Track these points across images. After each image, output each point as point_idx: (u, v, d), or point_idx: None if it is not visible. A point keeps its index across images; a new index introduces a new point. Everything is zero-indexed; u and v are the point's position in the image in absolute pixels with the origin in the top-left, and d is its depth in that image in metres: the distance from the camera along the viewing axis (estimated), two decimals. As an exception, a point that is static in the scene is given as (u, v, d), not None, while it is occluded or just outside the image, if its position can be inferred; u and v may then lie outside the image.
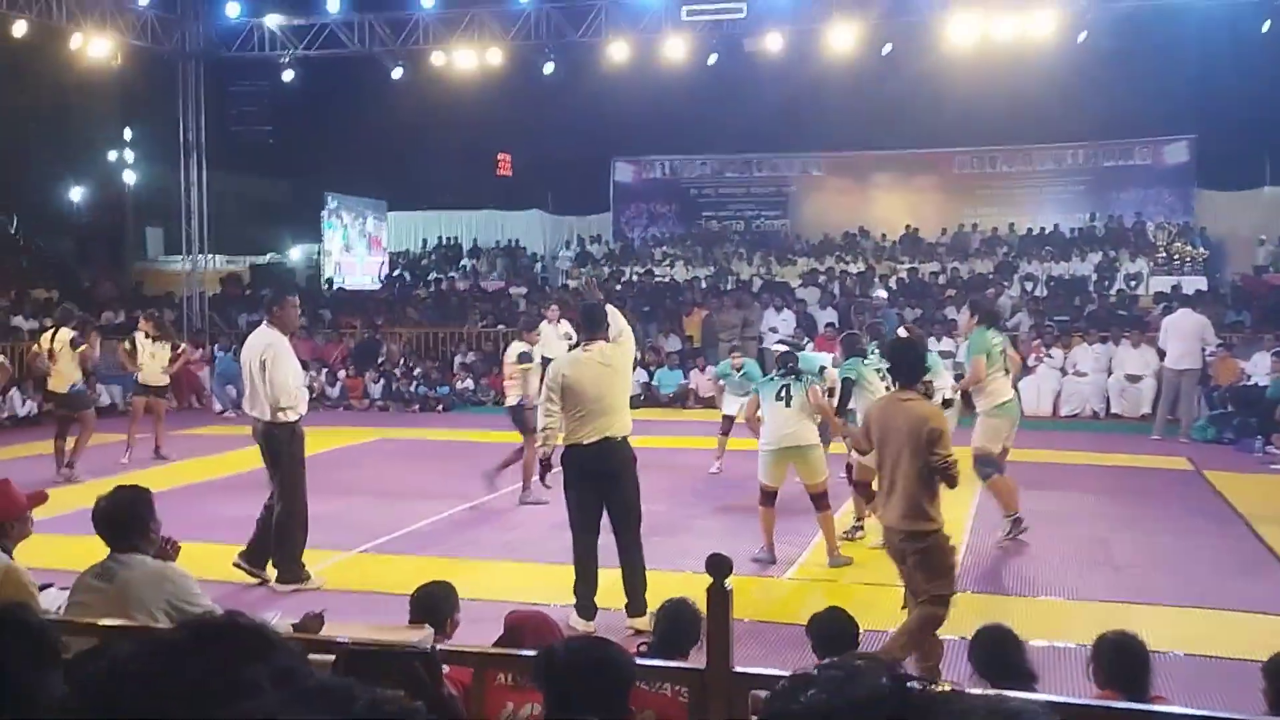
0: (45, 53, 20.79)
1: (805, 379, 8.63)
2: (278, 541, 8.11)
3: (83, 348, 12.73)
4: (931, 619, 5.78)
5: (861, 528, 9.31)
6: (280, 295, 9.10)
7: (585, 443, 6.96)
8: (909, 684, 1.46)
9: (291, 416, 8.16)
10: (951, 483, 5.80)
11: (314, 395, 19.65)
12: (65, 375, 12.80)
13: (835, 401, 9.02)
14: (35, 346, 13.71)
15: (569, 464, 7.09)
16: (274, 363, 8.04)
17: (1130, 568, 8.48)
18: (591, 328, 7.24)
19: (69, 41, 19.44)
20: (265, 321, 8.42)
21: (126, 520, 4.23)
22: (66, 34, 19.31)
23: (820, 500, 8.57)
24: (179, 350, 14.73)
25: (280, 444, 8.21)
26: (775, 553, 8.68)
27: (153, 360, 13.97)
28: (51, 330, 13.19)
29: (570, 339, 16.55)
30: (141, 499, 4.32)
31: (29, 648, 2.21)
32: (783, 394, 8.55)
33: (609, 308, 7.44)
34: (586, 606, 7.09)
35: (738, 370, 12.48)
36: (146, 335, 14.03)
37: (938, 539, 5.86)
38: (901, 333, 10.40)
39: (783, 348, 9.39)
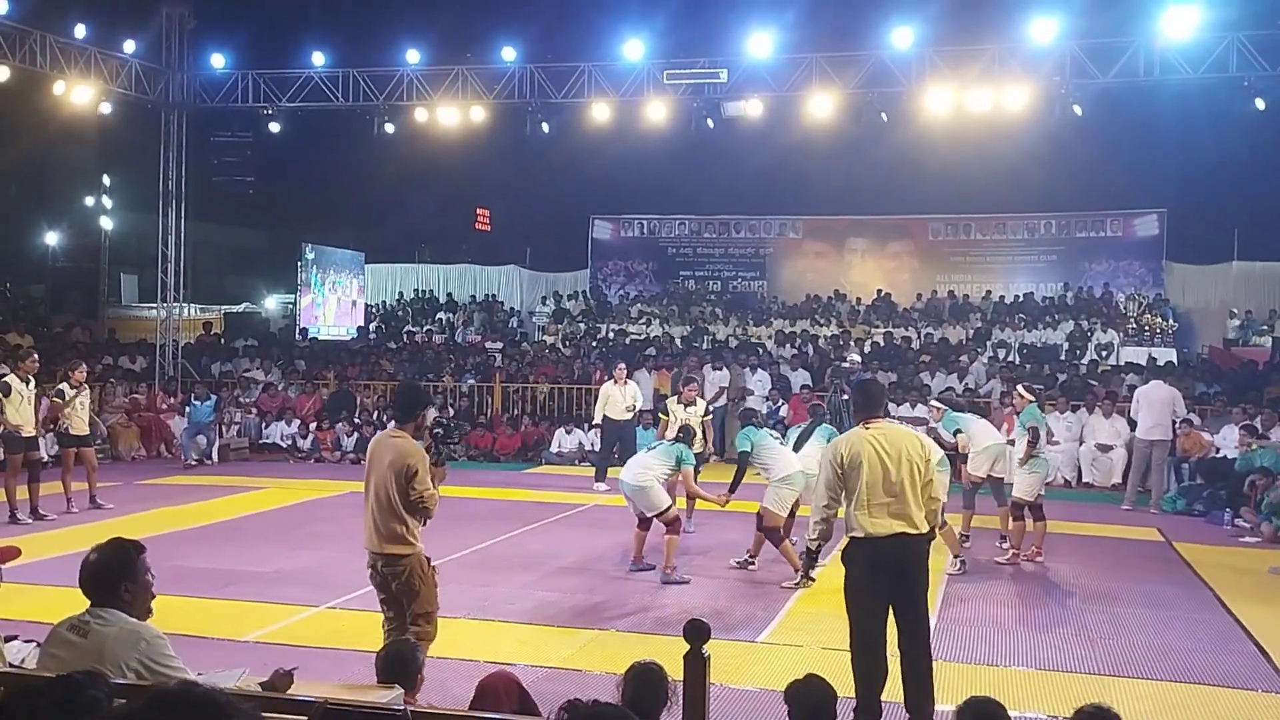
0: (27, 98, 20.84)
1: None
2: None
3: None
4: None
5: (753, 562, 10.67)
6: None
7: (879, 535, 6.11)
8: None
9: None
10: None
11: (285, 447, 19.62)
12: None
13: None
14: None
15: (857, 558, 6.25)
16: None
17: (1104, 639, 8.47)
18: (868, 407, 6.43)
19: (52, 88, 19.47)
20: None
21: (116, 573, 4.15)
22: (50, 81, 19.34)
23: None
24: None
25: None
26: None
27: (82, 410, 13.69)
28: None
29: (638, 400, 16.48)
30: (134, 553, 4.24)
31: None
32: None
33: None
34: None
35: None
36: (72, 385, 13.61)
37: None
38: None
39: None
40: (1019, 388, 12.07)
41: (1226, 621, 9.09)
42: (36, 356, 13.77)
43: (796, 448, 10.87)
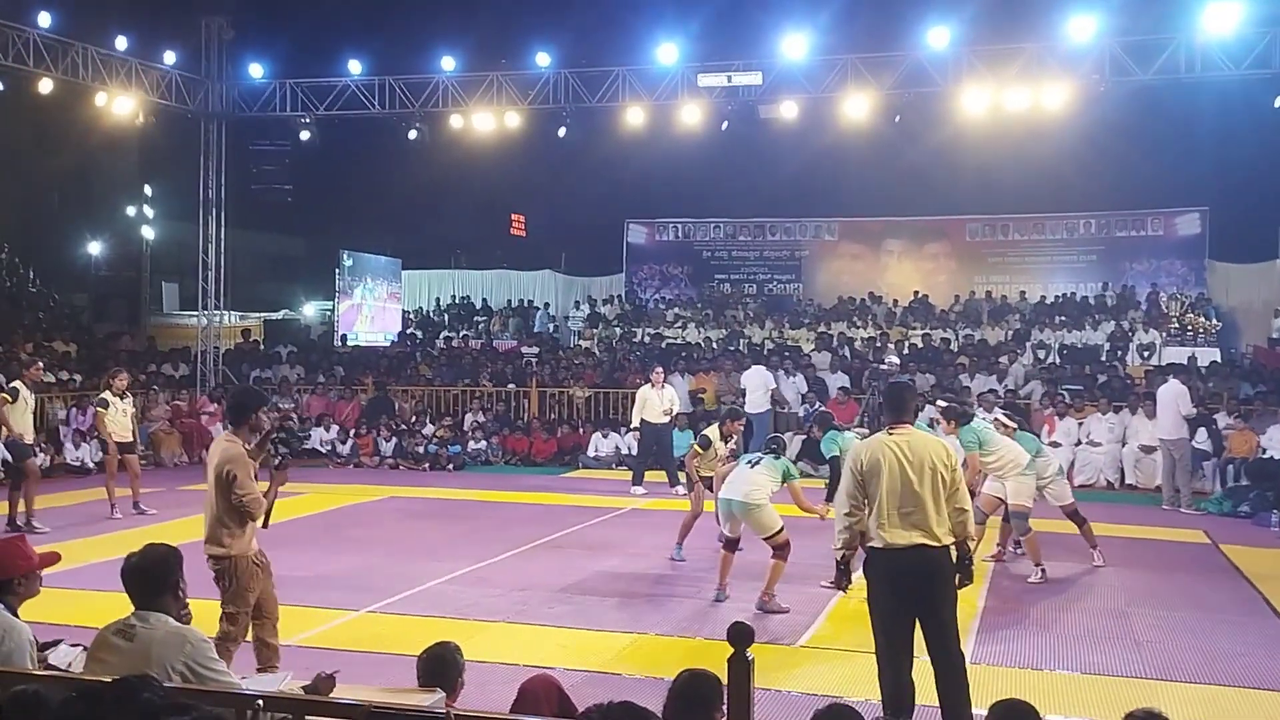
0: (70, 109, 21.11)
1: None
2: None
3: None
4: None
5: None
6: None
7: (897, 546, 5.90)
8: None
9: None
10: None
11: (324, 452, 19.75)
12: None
13: None
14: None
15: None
16: None
17: (1150, 643, 8.34)
18: (895, 410, 6.24)
19: (94, 99, 19.74)
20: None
21: (157, 577, 4.20)
22: (92, 92, 19.61)
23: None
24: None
25: None
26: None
27: (124, 417, 13.83)
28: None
29: (675, 404, 16.35)
30: (174, 557, 4.29)
31: None
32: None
33: None
34: None
35: None
36: (116, 393, 13.74)
37: None
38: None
39: None
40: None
41: (1276, 625, 8.93)
42: (41, 364, 14.07)
43: None
